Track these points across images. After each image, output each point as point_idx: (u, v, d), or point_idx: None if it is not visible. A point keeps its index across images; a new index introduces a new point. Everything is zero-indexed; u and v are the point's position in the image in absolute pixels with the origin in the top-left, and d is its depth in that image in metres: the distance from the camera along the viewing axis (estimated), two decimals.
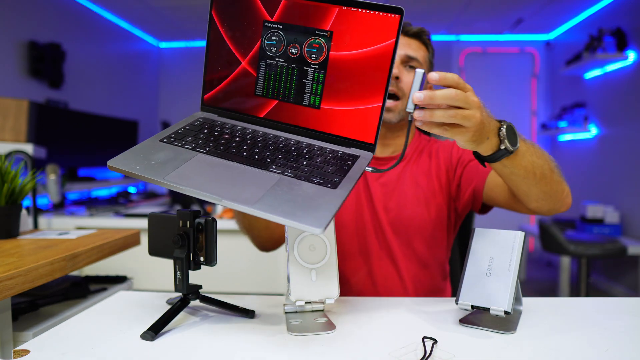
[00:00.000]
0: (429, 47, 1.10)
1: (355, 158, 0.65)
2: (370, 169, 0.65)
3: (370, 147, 0.66)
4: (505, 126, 0.72)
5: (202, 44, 5.24)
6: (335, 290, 0.70)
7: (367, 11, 0.64)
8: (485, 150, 0.72)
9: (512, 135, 0.73)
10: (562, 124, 4.14)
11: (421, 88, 0.64)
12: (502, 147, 0.72)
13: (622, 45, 3.41)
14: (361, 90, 0.66)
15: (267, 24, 0.69)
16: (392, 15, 0.63)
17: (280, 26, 0.69)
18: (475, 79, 4.93)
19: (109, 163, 0.65)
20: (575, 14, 4.10)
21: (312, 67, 0.68)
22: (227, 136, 0.70)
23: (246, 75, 0.72)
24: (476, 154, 0.76)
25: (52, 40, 3.37)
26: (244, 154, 0.66)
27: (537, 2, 3.82)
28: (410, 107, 0.64)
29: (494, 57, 4.94)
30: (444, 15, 4.20)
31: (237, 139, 0.69)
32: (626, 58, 3.40)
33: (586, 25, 4.06)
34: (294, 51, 0.68)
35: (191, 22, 4.39)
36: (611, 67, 3.64)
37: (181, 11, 4.05)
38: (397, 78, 1.03)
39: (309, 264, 0.69)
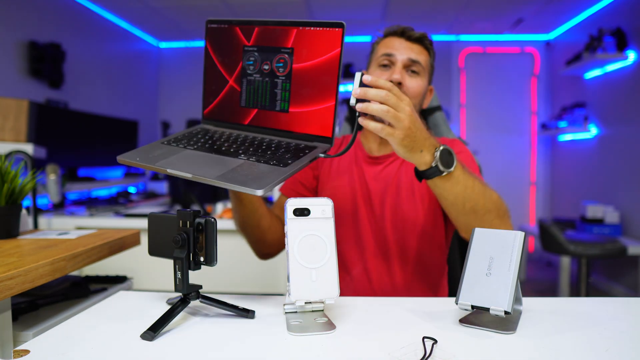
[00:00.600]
0: (430, 52, 1.12)
1: (312, 148, 0.77)
2: (323, 155, 0.76)
3: (328, 140, 0.77)
4: (441, 148, 0.82)
5: (202, 44, 5.20)
6: (335, 290, 0.70)
7: (318, 28, 0.77)
8: (420, 164, 0.82)
9: (447, 158, 0.82)
10: (562, 124, 4.14)
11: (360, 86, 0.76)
12: (434, 165, 0.81)
13: (622, 45, 3.41)
14: (318, 94, 0.78)
15: (245, 48, 0.85)
16: (336, 29, 0.75)
17: (256, 48, 0.84)
18: (475, 79, 4.93)
19: (118, 157, 0.81)
20: (575, 14, 4.10)
21: (280, 79, 0.81)
22: (214, 138, 0.85)
23: (233, 91, 0.88)
24: (415, 169, 0.85)
25: (52, 40, 3.37)
26: (223, 148, 0.81)
27: (537, 2, 3.82)
28: (352, 102, 0.76)
29: (494, 57, 4.94)
30: (444, 15, 4.20)
31: (222, 139, 0.84)
32: (626, 58, 3.40)
33: (586, 25, 4.06)
34: (266, 67, 0.83)
35: (191, 22, 4.39)
36: (611, 67, 3.64)
37: (181, 11, 4.05)
38: (399, 83, 1.04)
39: (309, 264, 0.70)
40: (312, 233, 0.71)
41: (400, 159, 1.11)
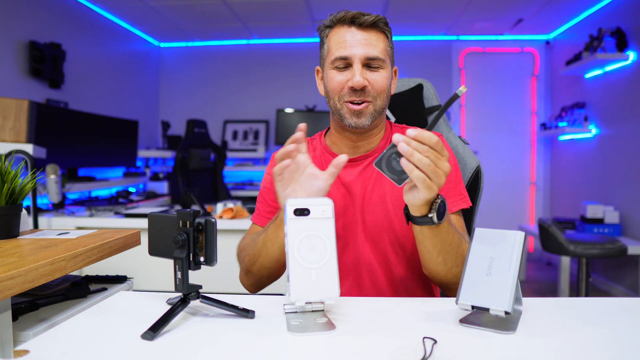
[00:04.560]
0: (387, 33, 1.04)
1: None
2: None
3: None
4: (440, 200, 0.82)
5: (202, 44, 5.28)
6: (336, 290, 0.70)
7: None
8: (414, 211, 0.83)
9: (442, 209, 0.83)
10: (562, 124, 4.14)
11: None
12: (430, 216, 0.82)
13: (622, 45, 3.41)
14: None
15: None
16: None
17: None
18: (475, 79, 4.93)
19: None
20: (575, 14, 4.10)
21: None
22: None
23: None
24: (405, 211, 0.86)
25: (52, 40, 3.36)
26: None
27: (537, 2, 3.82)
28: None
29: (494, 57, 4.94)
30: (444, 15, 4.20)
31: None
32: (626, 58, 3.40)
33: (586, 25, 4.06)
34: None
35: (191, 22, 4.39)
36: (611, 67, 3.64)
37: (181, 11, 4.05)
38: (363, 89, 0.99)
39: (309, 264, 0.70)
40: (312, 233, 0.71)
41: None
